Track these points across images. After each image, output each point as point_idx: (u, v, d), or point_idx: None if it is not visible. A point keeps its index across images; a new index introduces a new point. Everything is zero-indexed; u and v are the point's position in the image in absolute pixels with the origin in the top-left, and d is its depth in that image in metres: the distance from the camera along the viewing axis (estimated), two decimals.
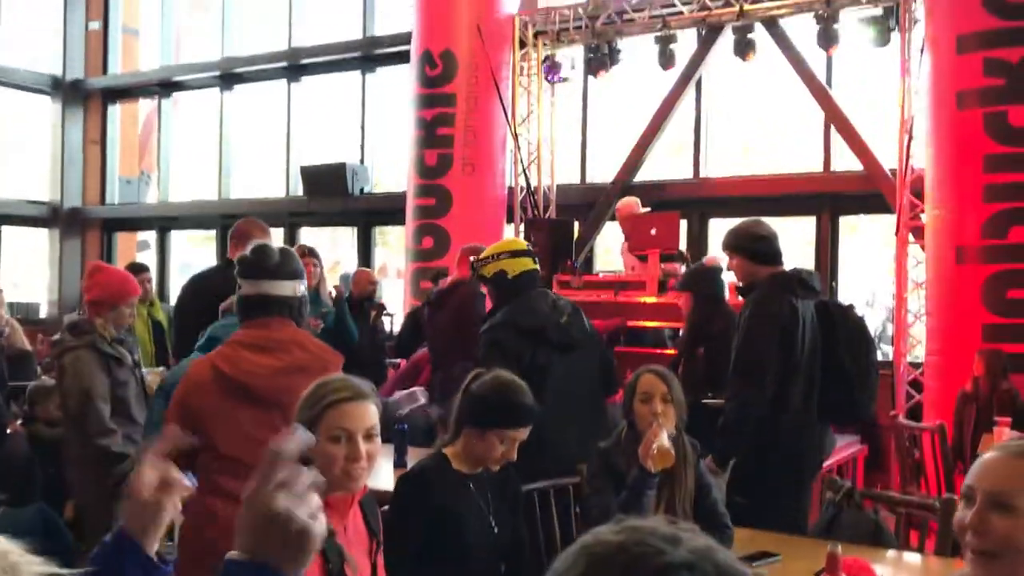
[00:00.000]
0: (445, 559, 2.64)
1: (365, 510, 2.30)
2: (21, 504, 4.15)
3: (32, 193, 13.74)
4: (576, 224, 9.06)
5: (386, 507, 2.77)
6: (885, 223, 8.35)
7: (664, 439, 2.87)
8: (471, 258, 4.21)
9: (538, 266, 4.10)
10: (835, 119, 8.38)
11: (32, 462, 4.34)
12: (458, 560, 2.66)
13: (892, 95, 7.73)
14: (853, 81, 8.82)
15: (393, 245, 12.36)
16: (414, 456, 4.08)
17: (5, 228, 13.34)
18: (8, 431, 4.56)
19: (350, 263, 11.35)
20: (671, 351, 6.00)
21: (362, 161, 11.42)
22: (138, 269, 6.77)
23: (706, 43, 8.99)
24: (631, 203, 7.60)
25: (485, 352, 3.93)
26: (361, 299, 6.80)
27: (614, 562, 0.84)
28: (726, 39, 8.68)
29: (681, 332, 5.15)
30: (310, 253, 5.29)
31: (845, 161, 8.58)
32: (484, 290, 4.26)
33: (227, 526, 2.53)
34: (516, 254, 4.02)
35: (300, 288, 2.78)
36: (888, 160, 7.93)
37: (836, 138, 8.53)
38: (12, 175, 13.56)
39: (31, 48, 13.62)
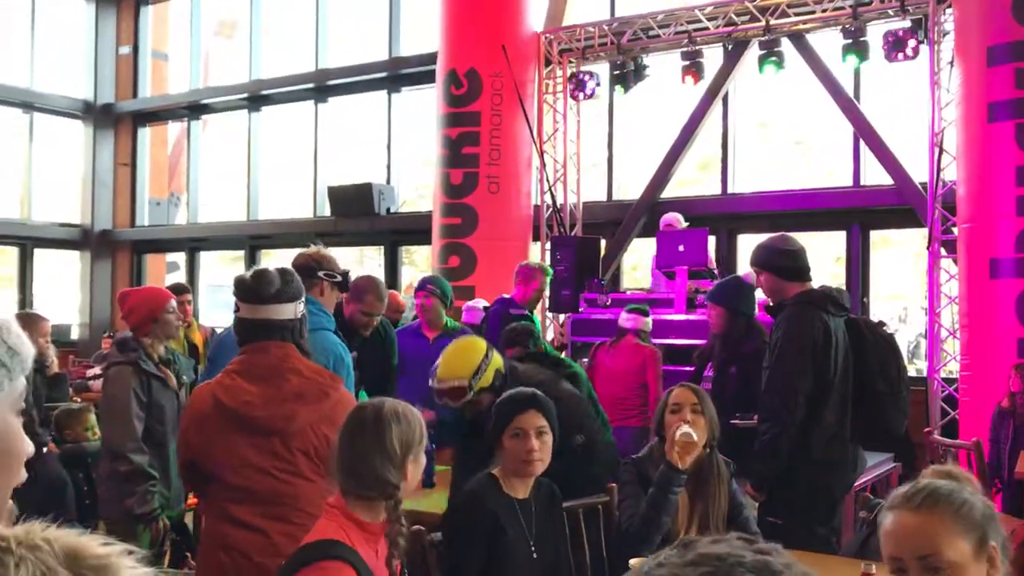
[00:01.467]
0: None
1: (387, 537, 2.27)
2: (54, 523, 4.15)
3: (64, 216, 13.93)
4: (603, 241, 9.04)
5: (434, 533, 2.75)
6: (916, 237, 8.26)
7: (686, 428, 2.90)
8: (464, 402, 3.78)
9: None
10: (864, 133, 8.31)
11: (65, 482, 4.36)
12: None
13: (922, 108, 7.65)
14: (882, 94, 8.75)
15: (419, 264, 12.38)
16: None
17: (38, 251, 13.52)
18: (44, 451, 4.57)
19: None
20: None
21: (388, 181, 11.47)
22: (179, 291, 6.75)
23: (732, 58, 8.97)
24: (673, 219, 7.49)
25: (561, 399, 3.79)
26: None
27: None
28: (752, 54, 8.64)
29: (709, 348, 5.00)
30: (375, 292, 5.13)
31: (875, 175, 8.49)
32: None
33: (239, 551, 2.54)
34: (487, 352, 3.49)
35: (300, 308, 2.74)
36: (919, 174, 7.85)
37: (866, 152, 8.46)
38: (45, 199, 13.74)
39: (63, 73, 13.83)
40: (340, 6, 12.35)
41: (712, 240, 7.60)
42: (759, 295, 5.59)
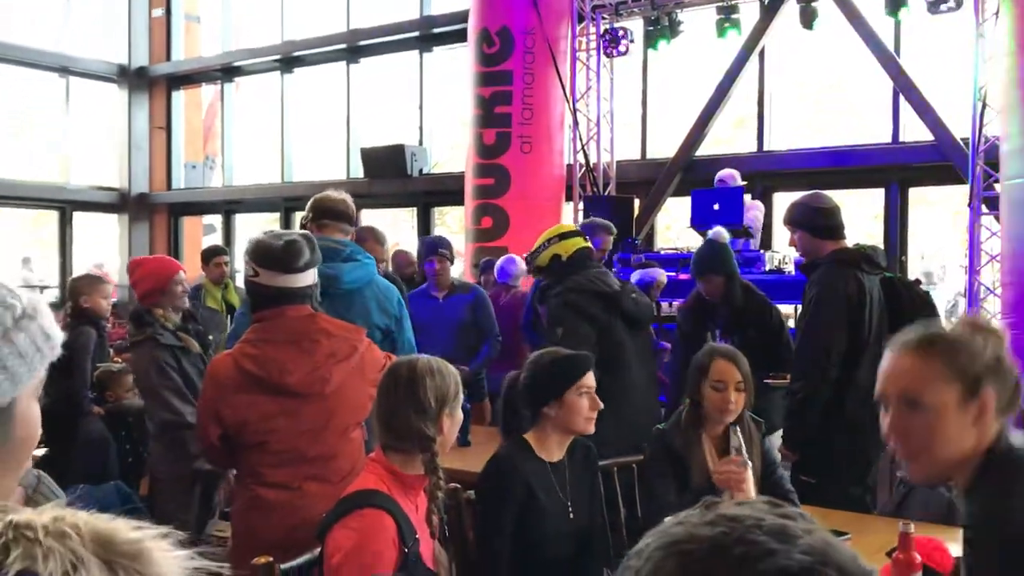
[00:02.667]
0: (525, 544, 2.63)
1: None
2: (100, 482, 4.28)
3: (101, 179, 14.08)
4: (636, 201, 8.97)
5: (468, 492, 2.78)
6: (956, 194, 8.11)
7: (746, 484, 2.78)
8: (525, 256, 4.16)
9: (590, 243, 4.06)
10: (904, 88, 8.14)
11: (108, 442, 4.46)
12: (536, 545, 2.65)
13: (964, 62, 7.47)
14: (923, 48, 8.55)
15: (451, 225, 12.40)
16: None
17: (77, 214, 13.70)
18: (90, 413, 4.66)
19: (410, 244, 11.41)
20: None
21: (420, 142, 11.45)
22: (216, 252, 6.85)
23: (769, 13, 8.80)
24: (728, 176, 7.19)
25: (561, 315, 3.90)
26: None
27: (711, 567, 0.69)
28: (790, 8, 8.48)
29: (702, 316, 4.81)
30: (374, 237, 5.24)
31: (914, 131, 8.33)
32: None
33: (276, 512, 2.57)
34: (565, 236, 4.03)
35: (315, 274, 2.71)
36: (960, 129, 7.69)
37: (905, 108, 8.29)
38: (82, 162, 13.89)
39: (98, 37, 13.90)
40: None
41: (747, 199, 7.48)
42: (793, 253, 5.54)
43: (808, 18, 8.10)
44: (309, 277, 2.67)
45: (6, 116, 12.08)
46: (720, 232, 4.80)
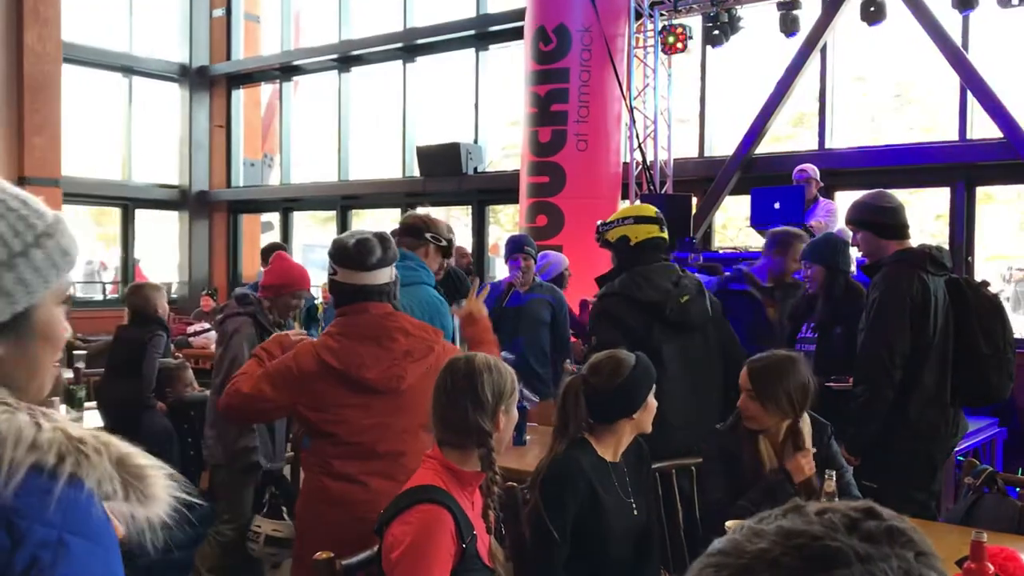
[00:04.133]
0: (588, 545, 2.62)
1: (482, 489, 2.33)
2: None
3: (163, 177, 14.36)
4: (694, 199, 8.87)
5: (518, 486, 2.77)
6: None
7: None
8: (597, 223, 4.10)
9: (665, 234, 3.89)
10: (973, 84, 7.92)
11: (171, 436, 4.54)
12: (599, 544, 2.63)
13: None
14: (992, 43, 8.31)
15: (504, 223, 12.40)
16: None
17: (138, 211, 13.98)
18: (153, 407, 4.75)
19: (465, 242, 11.44)
20: None
21: (476, 140, 11.47)
22: (275, 249, 6.88)
23: (831, 8, 8.63)
24: (810, 169, 6.99)
25: (595, 322, 3.88)
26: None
27: None
28: (853, 3, 8.31)
29: (804, 308, 4.77)
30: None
31: (982, 129, 8.11)
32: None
33: (341, 506, 2.60)
34: (641, 219, 3.84)
35: (395, 271, 2.79)
36: None
37: (973, 105, 8.07)
38: (144, 160, 14.18)
39: (160, 38, 14.17)
40: None
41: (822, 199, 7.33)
42: (856, 253, 5.40)
43: (872, 14, 7.92)
44: (384, 275, 2.74)
45: (72, 115, 12.37)
46: (844, 231, 4.72)
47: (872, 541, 0.69)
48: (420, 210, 3.74)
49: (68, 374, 6.22)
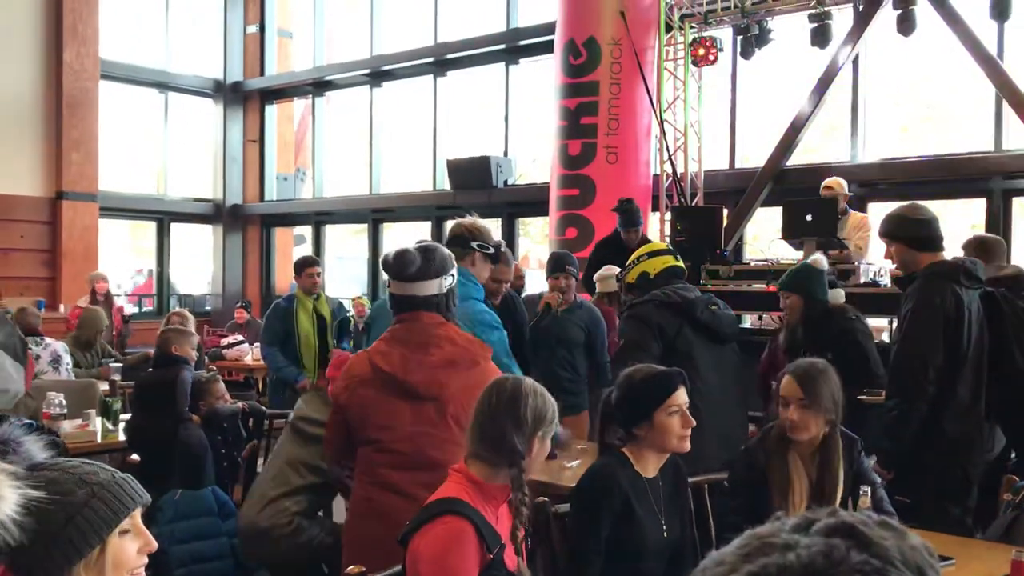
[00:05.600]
0: (620, 557, 2.61)
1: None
2: (197, 487, 4.40)
3: (197, 191, 14.53)
4: (725, 211, 8.82)
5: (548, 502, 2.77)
6: None
7: None
8: (616, 275, 4.25)
9: (681, 263, 4.08)
10: (1008, 93, 7.83)
11: (206, 449, 4.57)
12: (633, 559, 2.63)
13: None
14: None
15: (534, 235, 12.41)
16: None
17: (174, 225, 14.16)
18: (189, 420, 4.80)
19: None
20: None
21: (506, 153, 11.50)
22: (309, 263, 6.92)
23: (863, 19, 8.58)
24: (833, 183, 6.99)
25: (626, 326, 3.92)
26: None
27: None
28: (885, 14, 8.25)
29: (791, 339, 4.70)
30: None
31: (1018, 139, 8.01)
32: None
33: (387, 516, 2.62)
34: (655, 254, 4.07)
35: (446, 283, 2.82)
36: None
37: (1008, 115, 7.97)
38: (179, 175, 14.36)
39: (195, 54, 14.37)
40: None
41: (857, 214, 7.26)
42: (889, 265, 5.36)
43: (906, 25, 7.86)
44: (431, 287, 2.78)
45: (109, 131, 12.57)
46: (819, 260, 4.69)
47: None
48: (466, 219, 3.73)
49: (104, 386, 6.30)
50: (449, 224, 3.80)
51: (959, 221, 8.82)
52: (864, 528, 0.70)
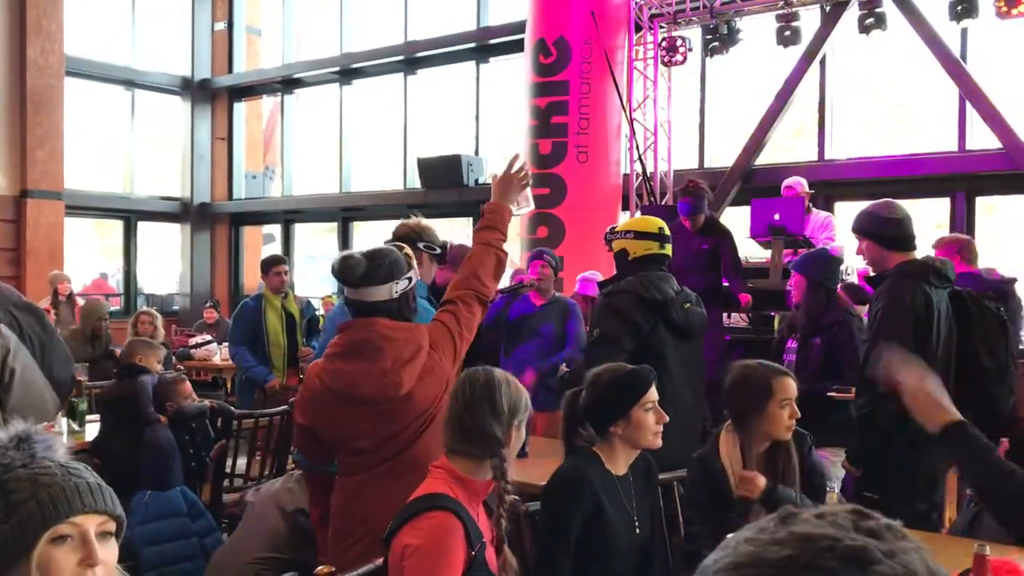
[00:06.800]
0: (591, 556, 2.61)
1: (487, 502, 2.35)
2: (166, 488, 4.35)
3: (165, 190, 14.38)
4: None
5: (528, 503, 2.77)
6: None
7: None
8: (607, 229, 4.22)
9: (666, 251, 4.01)
10: (971, 95, 7.94)
11: (174, 449, 4.52)
12: (604, 558, 2.63)
13: None
14: (990, 54, 8.33)
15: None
16: None
17: (141, 224, 14.01)
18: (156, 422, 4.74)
19: None
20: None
21: (477, 152, 11.50)
22: (276, 262, 6.87)
23: (830, 20, 8.66)
24: (796, 183, 7.13)
25: (601, 316, 3.90)
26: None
27: None
28: (851, 14, 8.34)
29: (794, 319, 4.91)
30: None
31: (981, 139, 8.13)
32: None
33: (366, 504, 2.60)
34: (641, 235, 3.98)
35: (398, 287, 2.75)
36: None
37: (972, 116, 8.09)
38: (147, 173, 14.21)
39: (162, 51, 14.21)
40: None
41: (821, 214, 7.34)
42: (860, 264, 5.44)
43: (870, 26, 7.95)
44: (382, 292, 2.72)
45: (75, 128, 12.40)
46: (839, 248, 4.86)
47: (881, 537, 0.69)
48: (412, 219, 3.69)
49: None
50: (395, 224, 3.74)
51: (923, 221, 8.93)
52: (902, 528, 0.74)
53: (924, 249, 4.32)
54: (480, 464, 2.27)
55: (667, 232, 4.02)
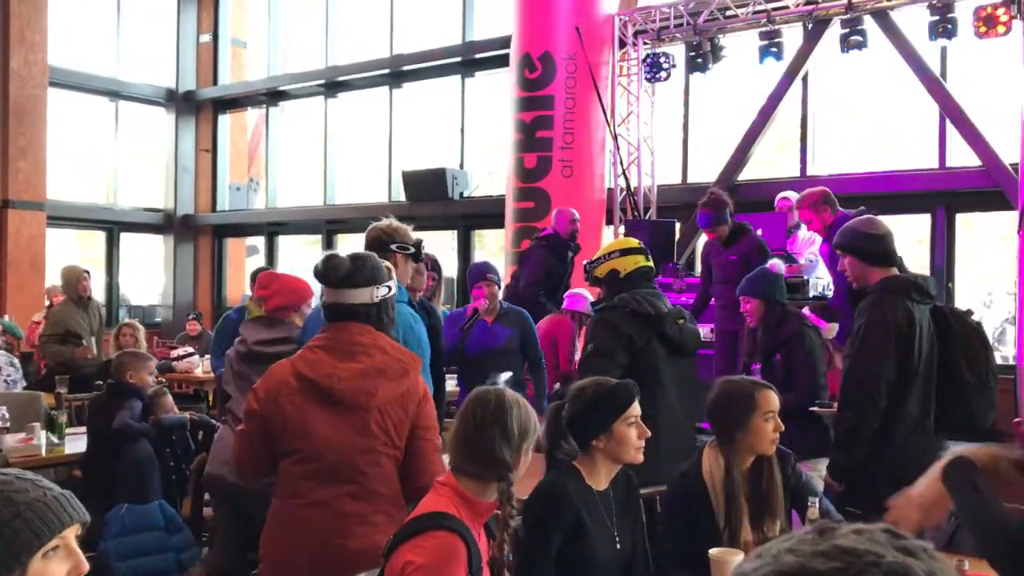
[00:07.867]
0: (572, 572, 2.60)
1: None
2: (143, 501, 4.32)
3: (148, 201, 14.32)
4: (677, 225, 8.92)
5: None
6: (1004, 220, 7.97)
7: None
8: (584, 263, 4.20)
9: (651, 263, 4.03)
10: (951, 113, 8.03)
11: (153, 462, 4.49)
12: (584, 574, 2.61)
13: (1012, 86, 7.37)
14: (970, 73, 8.44)
15: (489, 247, 12.42)
16: None
17: (124, 235, 13.93)
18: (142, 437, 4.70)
19: (450, 267, 11.45)
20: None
21: (461, 165, 11.51)
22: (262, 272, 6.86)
23: (812, 37, 8.75)
24: (790, 196, 7.12)
25: (595, 331, 3.90)
26: (568, 239, 7.25)
27: None
28: (833, 33, 8.42)
29: (753, 343, 4.99)
30: (432, 267, 5.17)
31: (961, 156, 8.22)
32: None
33: (310, 526, 2.54)
34: (627, 252, 3.99)
35: (379, 293, 2.74)
36: (1009, 154, 7.56)
37: (952, 133, 8.18)
38: (131, 184, 14.14)
39: (147, 62, 14.18)
40: None
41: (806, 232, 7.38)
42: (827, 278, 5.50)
43: (852, 43, 8.03)
44: (362, 295, 2.71)
45: (58, 139, 12.34)
46: (777, 264, 4.94)
47: (918, 557, 0.70)
48: (382, 222, 3.64)
49: (49, 399, 6.16)
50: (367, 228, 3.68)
51: (904, 237, 9.00)
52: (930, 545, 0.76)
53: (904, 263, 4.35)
54: (486, 486, 2.24)
55: (645, 247, 4.06)
